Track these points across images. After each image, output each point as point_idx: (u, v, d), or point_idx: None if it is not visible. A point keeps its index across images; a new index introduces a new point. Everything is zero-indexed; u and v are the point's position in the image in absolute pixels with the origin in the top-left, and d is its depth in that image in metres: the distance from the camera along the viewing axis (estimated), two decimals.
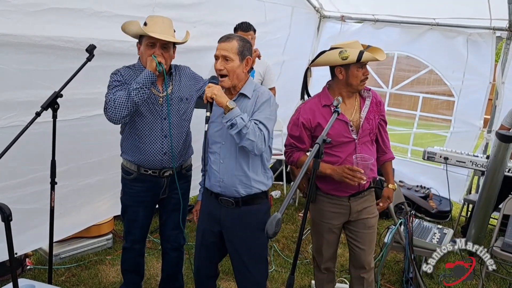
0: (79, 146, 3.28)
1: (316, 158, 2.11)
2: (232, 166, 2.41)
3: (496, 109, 5.32)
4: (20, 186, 3.06)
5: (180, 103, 2.69)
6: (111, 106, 2.46)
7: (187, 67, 2.85)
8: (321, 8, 6.31)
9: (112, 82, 2.57)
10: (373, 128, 2.70)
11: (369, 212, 2.79)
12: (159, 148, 2.64)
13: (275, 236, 1.60)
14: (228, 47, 2.33)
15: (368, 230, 2.79)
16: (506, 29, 5.17)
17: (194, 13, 3.75)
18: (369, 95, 2.71)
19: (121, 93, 2.47)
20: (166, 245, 2.97)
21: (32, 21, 2.61)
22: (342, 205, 2.73)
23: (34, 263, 3.66)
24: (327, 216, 2.77)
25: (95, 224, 3.89)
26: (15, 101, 2.74)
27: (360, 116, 2.66)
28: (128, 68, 2.64)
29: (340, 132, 2.62)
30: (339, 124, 2.61)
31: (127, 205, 2.82)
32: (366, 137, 2.69)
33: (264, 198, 2.54)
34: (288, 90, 5.23)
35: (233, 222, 2.49)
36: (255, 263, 2.57)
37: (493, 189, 4.12)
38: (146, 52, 2.54)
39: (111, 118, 2.48)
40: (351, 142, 2.64)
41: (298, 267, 3.93)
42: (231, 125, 2.22)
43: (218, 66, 2.34)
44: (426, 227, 3.65)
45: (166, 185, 2.77)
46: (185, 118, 2.74)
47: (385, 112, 2.81)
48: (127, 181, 2.77)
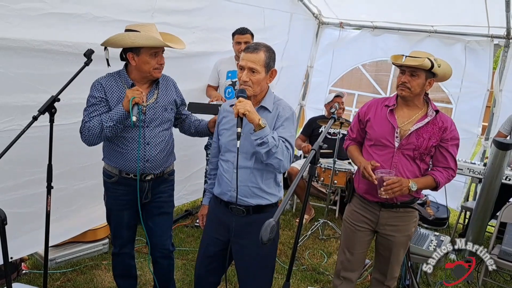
0: (75, 150, 3.25)
1: (312, 164, 2.11)
2: (246, 177, 2.35)
3: (494, 117, 5.34)
4: (16, 189, 3.05)
5: (164, 112, 2.67)
6: (85, 133, 2.49)
7: (172, 79, 2.84)
8: (320, 14, 6.35)
9: (90, 98, 2.54)
10: (421, 146, 2.55)
11: (399, 231, 2.69)
12: (141, 155, 2.59)
13: (269, 242, 1.60)
14: (255, 59, 2.25)
15: (395, 247, 2.71)
16: (504, 36, 5.20)
17: (193, 19, 3.76)
18: (432, 114, 2.57)
19: (95, 123, 2.47)
20: (155, 254, 2.92)
21: (31, 26, 2.62)
22: (372, 212, 2.70)
23: (29, 267, 3.64)
24: (355, 216, 2.77)
25: (91, 229, 3.88)
26: (13, 105, 2.74)
27: (411, 128, 2.58)
28: (111, 76, 2.59)
29: (384, 134, 2.60)
30: (386, 125, 2.61)
31: (111, 208, 2.79)
32: (409, 152, 2.57)
33: (274, 207, 2.52)
34: (286, 96, 5.22)
35: (243, 230, 2.45)
36: (261, 270, 2.53)
37: (491, 197, 4.12)
38: (151, 61, 2.50)
39: (84, 142, 2.55)
40: (390, 148, 2.60)
41: (295, 273, 3.92)
42: (262, 143, 2.19)
43: (244, 78, 2.26)
44: (423, 234, 3.65)
45: (148, 188, 2.72)
46: (167, 127, 2.72)
47: (454, 142, 2.59)
48: (109, 184, 2.74)
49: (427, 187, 2.61)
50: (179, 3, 3.59)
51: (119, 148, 2.61)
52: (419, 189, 2.58)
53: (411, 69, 2.52)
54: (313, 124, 5.55)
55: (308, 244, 4.60)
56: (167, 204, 2.86)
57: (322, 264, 4.17)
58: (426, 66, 2.47)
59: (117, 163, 2.65)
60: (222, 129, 2.46)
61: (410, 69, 2.52)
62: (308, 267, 4.09)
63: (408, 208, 2.68)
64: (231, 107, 2.42)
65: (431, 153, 2.61)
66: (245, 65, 2.26)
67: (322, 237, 4.75)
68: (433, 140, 2.56)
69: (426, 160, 2.63)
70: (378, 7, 5.72)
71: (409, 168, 2.59)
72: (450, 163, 2.60)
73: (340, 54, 6.54)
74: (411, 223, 2.72)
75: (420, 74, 2.51)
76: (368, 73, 6.76)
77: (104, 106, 2.53)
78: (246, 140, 2.31)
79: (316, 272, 4.00)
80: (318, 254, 4.42)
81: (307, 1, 5.84)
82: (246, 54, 2.28)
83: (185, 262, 3.91)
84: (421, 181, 2.58)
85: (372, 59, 6.50)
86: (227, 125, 2.43)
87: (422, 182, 2.58)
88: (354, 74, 7.10)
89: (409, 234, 2.73)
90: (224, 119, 2.47)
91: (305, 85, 6.77)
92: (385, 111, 2.64)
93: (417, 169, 2.61)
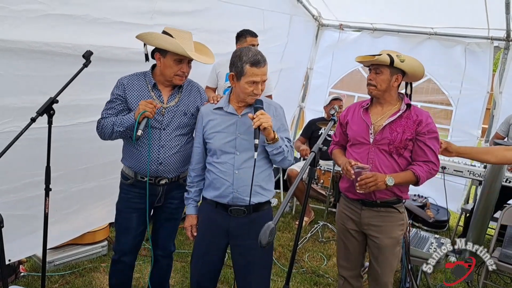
0: (74, 152, 3.26)
1: (311, 166, 2.10)
2: (248, 177, 2.37)
3: (494, 119, 5.34)
4: (14, 191, 3.03)
5: (183, 116, 2.67)
6: (99, 129, 2.62)
7: (197, 85, 2.84)
8: (320, 16, 6.35)
9: (111, 94, 2.63)
10: (395, 140, 2.57)
11: (383, 231, 2.65)
12: (155, 157, 2.61)
13: (268, 245, 1.61)
14: (266, 71, 2.35)
15: (382, 249, 2.67)
16: (504, 39, 5.21)
17: (192, 21, 3.74)
18: (403, 108, 2.61)
19: (108, 123, 2.57)
20: (157, 251, 2.92)
21: (30, 27, 2.60)
22: (354, 210, 2.73)
23: (28, 270, 3.62)
24: (342, 217, 2.82)
25: (89, 231, 3.86)
26: (12, 107, 2.72)
27: (383, 123, 2.62)
28: (135, 76, 2.64)
29: (360, 133, 2.68)
30: (361, 124, 2.69)
31: (120, 210, 2.78)
32: (385, 147, 2.60)
33: (269, 204, 2.56)
34: (286, 98, 5.24)
35: (243, 230, 2.45)
36: (260, 270, 2.54)
37: (491, 199, 4.11)
38: (174, 67, 2.53)
39: (99, 137, 2.65)
40: (366, 145, 2.65)
41: (295, 276, 3.91)
42: (278, 153, 2.38)
43: (258, 92, 2.35)
44: (423, 237, 3.63)
45: (162, 193, 2.73)
46: (185, 132, 2.70)
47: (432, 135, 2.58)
48: (124, 186, 2.76)
49: (407, 182, 2.59)
50: (179, 4, 3.58)
51: (135, 149, 2.64)
52: (398, 184, 2.54)
53: (374, 67, 2.64)
54: (312, 126, 5.55)
55: (308, 247, 4.58)
56: (176, 211, 2.85)
57: (322, 267, 4.16)
58: (383, 61, 2.56)
59: (132, 163, 2.67)
60: (212, 133, 2.45)
61: (374, 67, 2.64)
62: (308, 269, 4.08)
63: (390, 208, 2.65)
64: (216, 110, 2.47)
65: (408, 147, 2.60)
66: (261, 80, 2.33)
67: (322, 240, 4.73)
68: (408, 134, 2.57)
69: (405, 155, 2.61)
70: (378, 9, 5.71)
71: (385, 163, 2.61)
72: (430, 157, 2.57)
73: (340, 56, 6.53)
74: (395, 226, 2.67)
75: (383, 70, 2.60)
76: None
77: (120, 104, 2.62)
78: (245, 139, 2.38)
79: (316, 274, 3.98)
80: (317, 256, 4.40)
81: (307, 3, 5.84)
82: (259, 69, 2.32)
83: (184, 265, 3.90)
84: (400, 176, 2.56)
85: None
86: (218, 127, 2.44)
87: (401, 177, 2.56)
88: (354, 76, 7.09)
89: (394, 237, 2.67)
90: (212, 122, 2.47)
91: (304, 87, 6.77)
92: (361, 111, 2.73)
93: (395, 164, 2.61)
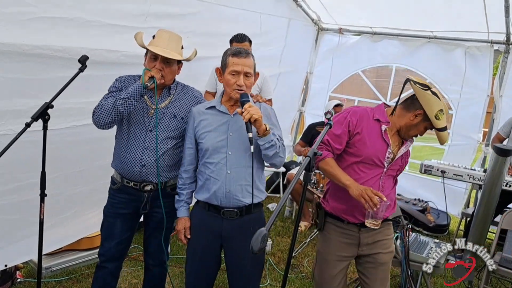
0: (68, 155, 3.24)
1: (307, 171, 2.07)
2: (241, 176, 2.36)
3: (494, 123, 5.31)
4: (9, 194, 3.02)
5: (172, 119, 2.62)
6: (97, 111, 2.48)
7: (198, 92, 2.80)
8: (319, 20, 6.33)
9: (110, 87, 2.60)
10: (402, 168, 2.58)
11: (382, 247, 2.55)
12: (138, 159, 2.56)
13: (260, 252, 1.57)
14: (249, 63, 2.32)
15: (380, 266, 2.56)
16: (504, 42, 5.19)
17: (187, 24, 3.72)
18: (412, 141, 2.57)
19: (109, 100, 2.48)
20: (148, 261, 2.86)
21: (22, 30, 2.60)
22: (351, 235, 2.52)
23: (24, 276, 3.59)
24: (335, 246, 2.55)
25: (86, 237, 3.83)
26: (3, 110, 2.71)
27: (398, 151, 2.51)
28: (132, 77, 2.65)
29: (377, 154, 2.44)
30: (382, 145, 2.45)
31: (106, 215, 2.74)
32: (393, 172, 2.54)
33: (261, 206, 2.53)
34: (285, 102, 5.22)
35: (236, 232, 2.42)
36: (253, 272, 2.51)
37: (491, 203, 4.05)
38: (149, 64, 2.55)
39: (95, 122, 2.50)
40: (380, 168, 2.46)
41: (294, 281, 3.87)
42: (270, 146, 2.30)
43: (240, 83, 2.31)
44: (423, 242, 3.58)
45: (146, 200, 2.66)
46: (173, 136, 2.63)
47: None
48: (111, 190, 2.72)
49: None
50: (173, 7, 3.57)
51: (122, 151, 2.61)
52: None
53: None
54: (312, 130, 5.52)
55: (307, 252, 4.54)
56: (166, 220, 2.71)
57: None
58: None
59: (118, 165, 2.64)
60: (204, 133, 2.41)
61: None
62: (307, 274, 4.04)
63: (387, 221, 2.60)
64: (208, 109, 2.45)
65: None
66: (241, 70, 2.30)
67: None
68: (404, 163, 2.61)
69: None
70: (377, 13, 5.71)
71: (389, 186, 2.55)
72: None
73: (340, 60, 6.52)
74: (390, 239, 2.62)
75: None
76: (368, 79, 6.73)
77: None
78: (237, 138, 2.35)
79: None
80: None
81: (306, 7, 5.82)
82: (241, 59, 2.30)
83: (182, 270, 3.85)
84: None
85: (372, 65, 6.48)
86: (209, 127, 2.41)
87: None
88: (354, 80, 7.08)
89: (392, 250, 2.62)
90: (204, 122, 2.44)
91: (304, 91, 6.75)
92: (377, 127, 2.46)
93: (394, 186, 2.62)
